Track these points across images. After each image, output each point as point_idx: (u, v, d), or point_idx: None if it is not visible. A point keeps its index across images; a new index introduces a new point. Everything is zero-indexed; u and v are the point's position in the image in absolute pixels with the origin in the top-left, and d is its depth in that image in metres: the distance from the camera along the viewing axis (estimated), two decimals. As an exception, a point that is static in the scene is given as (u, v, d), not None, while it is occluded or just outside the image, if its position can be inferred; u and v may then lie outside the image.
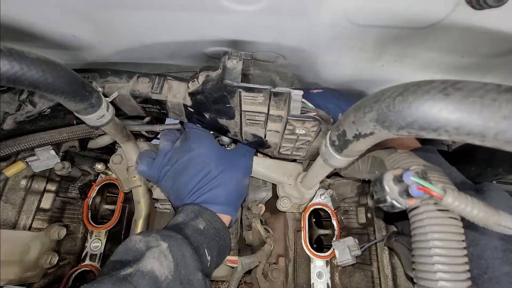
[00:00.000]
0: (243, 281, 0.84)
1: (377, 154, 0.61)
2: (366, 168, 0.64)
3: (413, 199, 0.36)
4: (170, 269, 0.49)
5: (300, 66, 0.79)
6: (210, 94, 0.60)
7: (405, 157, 0.52)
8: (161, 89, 0.66)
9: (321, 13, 0.57)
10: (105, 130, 0.65)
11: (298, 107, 0.57)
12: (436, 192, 0.35)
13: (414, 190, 0.36)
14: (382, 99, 0.35)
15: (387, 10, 0.54)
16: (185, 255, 0.52)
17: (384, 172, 0.39)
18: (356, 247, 0.75)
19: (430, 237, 0.41)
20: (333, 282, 0.80)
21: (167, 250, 0.51)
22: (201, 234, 0.61)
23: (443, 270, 0.40)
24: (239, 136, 0.71)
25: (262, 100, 0.57)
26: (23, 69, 0.38)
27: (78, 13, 0.57)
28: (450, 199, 0.34)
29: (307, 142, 0.66)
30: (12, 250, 0.69)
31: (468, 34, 0.57)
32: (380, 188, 0.38)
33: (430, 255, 0.41)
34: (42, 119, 0.72)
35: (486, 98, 0.28)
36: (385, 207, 0.38)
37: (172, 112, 0.71)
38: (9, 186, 0.78)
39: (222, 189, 0.70)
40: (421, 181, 0.36)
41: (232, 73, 0.56)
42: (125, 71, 0.71)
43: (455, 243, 0.41)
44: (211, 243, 0.62)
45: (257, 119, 0.63)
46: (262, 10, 0.56)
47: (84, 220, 0.81)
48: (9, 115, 0.71)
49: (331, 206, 0.85)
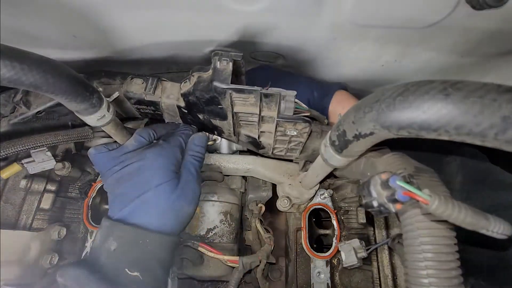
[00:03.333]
0: (243, 281, 0.84)
1: (370, 155, 0.61)
2: (360, 169, 0.64)
3: (400, 203, 0.36)
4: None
5: (300, 66, 0.79)
6: (201, 95, 0.60)
7: (396, 159, 0.51)
8: (155, 90, 0.66)
9: (321, 13, 0.57)
10: (106, 130, 0.65)
11: (291, 108, 0.57)
12: (422, 198, 0.34)
13: (400, 195, 0.35)
14: (382, 99, 0.35)
15: (387, 10, 0.55)
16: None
17: (371, 176, 0.38)
18: (362, 249, 0.75)
19: (420, 241, 0.40)
20: (333, 282, 0.80)
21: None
22: (114, 257, 0.57)
23: (434, 276, 0.39)
24: (233, 137, 0.71)
25: (254, 101, 0.57)
26: (24, 69, 0.38)
27: (78, 13, 0.57)
28: (436, 204, 0.33)
29: (300, 143, 0.66)
30: (12, 250, 0.69)
31: (468, 34, 0.57)
32: (367, 192, 0.38)
33: (420, 260, 0.40)
34: (37, 121, 0.72)
35: (486, 98, 0.28)
36: (373, 212, 0.38)
37: (167, 113, 0.71)
38: (9, 186, 0.78)
39: (156, 215, 0.63)
40: (407, 186, 0.35)
41: (222, 74, 0.56)
42: (119, 72, 0.70)
43: (446, 247, 0.40)
44: (132, 257, 0.58)
45: (250, 120, 0.63)
46: (262, 10, 0.56)
47: (84, 220, 0.81)
48: (3, 117, 0.71)
49: (331, 206, 0.85)
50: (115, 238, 0.58)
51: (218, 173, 0.79)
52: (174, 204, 0.64)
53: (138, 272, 0.56)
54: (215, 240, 0.76)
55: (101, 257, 0.57)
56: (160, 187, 0.63)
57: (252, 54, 0.78)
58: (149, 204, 0.62)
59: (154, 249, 0.60)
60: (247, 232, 0.86)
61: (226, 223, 0.78)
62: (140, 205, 0.62)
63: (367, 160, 0.59)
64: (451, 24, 0.54)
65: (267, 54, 0.76)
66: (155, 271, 0.59)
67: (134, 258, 0.58)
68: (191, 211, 0.69)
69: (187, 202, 0.67)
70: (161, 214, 0.63)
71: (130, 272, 0.56)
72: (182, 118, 0.73)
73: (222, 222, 0.78)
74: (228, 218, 0.79)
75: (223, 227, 0.77)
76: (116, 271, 0.56)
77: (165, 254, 0.62)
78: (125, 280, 0.55)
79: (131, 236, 0.59)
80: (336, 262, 0.82)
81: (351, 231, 0.84)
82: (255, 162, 0.80)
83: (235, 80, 0.57)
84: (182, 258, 0.73)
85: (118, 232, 0.59)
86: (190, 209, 0.68)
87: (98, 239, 0.59)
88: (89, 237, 0.82)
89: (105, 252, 0.57)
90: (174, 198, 0.64)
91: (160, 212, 0.63)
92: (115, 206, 0.63)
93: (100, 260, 0.56)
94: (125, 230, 0.59)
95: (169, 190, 0.64)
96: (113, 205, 0.64)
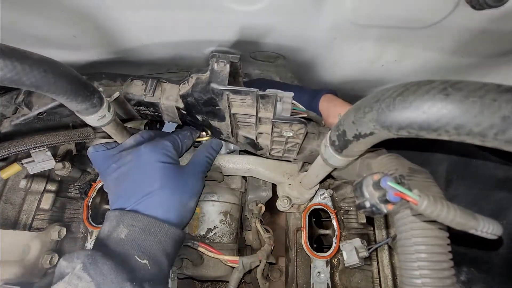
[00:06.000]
0: (243, 281, 0.84)
1: (366, 156, 0.61)
2: (356, 170, 0.64)
3: (392, 204, 0.36)
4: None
5: (300, 66, 0.79)
6: (199, 96, 0.60)
7: (391, 160, 0.51)
8: (154, 92, 0.66)
9: (321, 13, 0.57)
10: (106, 131, 0.65)
11: (288, 109, 0.58)
12: (412, 198, 0.34)
13: (391, 195, 0.35)
14: (382, 99, 0.35)
15: (387, 10, 0.55)
16: (104, 273, 0.50)
17: (364, 177, 0.39)
18: (364, 249, 0.75)
19: (413, 241, 0.41)
20: (333, 282, 0.80)
21: (81, 272, 0.49)
22: (125, 244, 0.57)
23: (427, 276, 0.39)
24: (231, 138, 0.71)
25: (251, 102, 0.57)
26: (25, 69, 0.38)
27: (78, 13, 0.57)
28: (424, 205, 0.34)
29: (296, 144, 0.66)
30: (12, 250, 0.69)
31: (468, 34, 0.57)
32: (360, 193, 0.38)
33: (413, 260, 0.40)
34: (38, 122, 0.72)
35: (486, 98, 0.28)
36: (366, 213, 0.38)
37: (166, 114, 0.71)
38: (9, 186, 0.78)
39: (160, 208, 0.64)
40: (397, 186, 0.35)
41: (220, 76, 0.57)
42: (120, 74, 0.71)
43: (439, 247, 0.40)
44: (143, 245, 0.58)
45: (248, 121, 0.63)
46: (262, 10, 0.56)
47: (84, 220, 0.81)
48: (5, 118, 0.71)
49: (331, 206, 0.85)
50: (126, 225, 0.59)
51: (218, 173, 0.79)
52: (177, 198, 0.65)
53: (147, 260, 0.57)
54: (215, 240, 0.76)
55: (110, 245, 0.57)
56: (163, 182, 0.64)
57: (252, 54, 0.78)
58: (152, 198, 0.63)
59: (163, 239, 0.61)
60: (247, 232, 0.86)
61: (226, 223, 0.78)
62: (144, 201, 0.63)
63: (363, 161, 0.59)
64: (451, 24, 0.55)
65: (267, 54, 0.76)
66: (162, 262, 0.60)
67: (144, 247, 0.58)
68: (193, 205, 0.70)
69: (189, 196, 0.68)
70: (166, 207, 0.64)
71: (139, 259, 0.56)
72: (181, 120, 0.73)
73: (222, 222, 0.78)
74: (228, 218, 0.79)
75: (223, 227, 0.78)
76: (125, 257, 0.56)
77: (171, 246, 0.62)
78: (135, 267, 0.56)
79: (143, 224, 0.59)
80: (336, 262, 0.82)
81: (351, 231, 0.84)
82: (255, 162, 0.80)
83: (232, 82, 0.57)
84: (182, 258, 0.73)
85: (129, 220, 0.59)
86: (192, 204, 0.70)
87: (107, 229, 0.60)
88: (89, 237, 0.82)
89: (114, 240, 0.58)
90: (177, 192, 0.66)
91: (164, 206, 0.64)
92: (119, 204, 0.64)
93: (108, 248, 0.57)
94: (136, 218, 0.60)
95: (172, 186, 0.65)
96: (116, 203, 0.64)
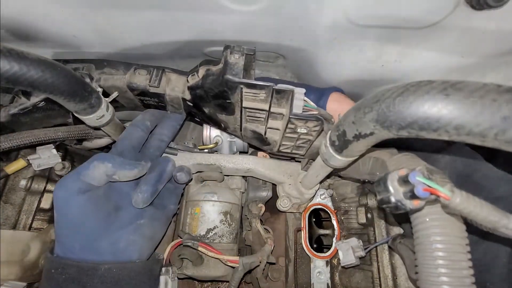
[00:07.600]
0: (243, 281, 0.84)
1: (379, 155, 0.61)
2: (367, 169, 0.64)
3: (418, 200, 0.35)
4: None
5: (300, 66, 0.79)
6: (210, 89, 0.59)
7: (408, 158, 0.51)
8: (159, 82, 0.64)
9: (321, 13, 0.57)
10: (105, 131, 0.65)
11: (300, 106, 0.57)
12: (444, 193, 0.33)
13: (420, 190, 0.34)
14: (382, 99, 0.35)
15: (387, 10, 0.55)
16: None
17: (389, 172, 0.38)
18: (360, 248, 0.75)
19: (433, 239, 0.40)
20: (333, 282, 0.80)
21: None
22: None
23: (446, 274, 0.39)
24: (238, 132, 0.71)
25: (264, 97, 0.56)
26: (23, 70, 0.38)
27: (78, 13, 0.57)
28: (458, 200, 0.33)
29: (308, 141, 0.66)
30: (12, 250, 0.69)
31: (468, 34, 0.57)
32: (384, 188, 0.37)
33: (433, 259, 0.40)
34: (37, 112, 0.70)
35: (486, 99, 0.28)
36: (388, 208, 0.37)
37: (171, 105, 0.70)
38: (9, 186, 0.78)
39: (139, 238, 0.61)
40: (428, 182, 0.34)
41: (234, 68, 0.55)
42: (122, 62, 0.69)
43: (459, 247, 0.40)
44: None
45: (258, 116, 0.62)
46: (262, 10, 0.56)
47: (84, 220, 0.81)
48: (2, 107, 0.69)
49: (331, 206, 0.85)
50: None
51: (218, 173, 0.79)
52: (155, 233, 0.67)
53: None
54: (215, 240, 0.76)
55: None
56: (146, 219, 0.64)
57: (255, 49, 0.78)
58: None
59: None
60: (247, 232, 0.85)
61: (226, 223, 0.78)
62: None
63: (376, 160, 0.59)
64: (451, 24, 0.54)
65: (267, 54, 0.76)
66: None
67: None
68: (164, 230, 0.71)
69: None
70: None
71: None
72: (185, 111, 0.72)
73: (222, 222, 0.78)
74: (228, 218, 0.79)
75: (223, 227, 0.77)
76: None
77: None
78: None
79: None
80: (336, 262, 0.82)
81: (351, 231, 0.84)
82: (255, 162, 0.80)
83: (245, 75, 0.55)
84: (182, 258, 0.73)
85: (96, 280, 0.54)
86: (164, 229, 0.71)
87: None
88: (89, 237, 0.82)
89: None
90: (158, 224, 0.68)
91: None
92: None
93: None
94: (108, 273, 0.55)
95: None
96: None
